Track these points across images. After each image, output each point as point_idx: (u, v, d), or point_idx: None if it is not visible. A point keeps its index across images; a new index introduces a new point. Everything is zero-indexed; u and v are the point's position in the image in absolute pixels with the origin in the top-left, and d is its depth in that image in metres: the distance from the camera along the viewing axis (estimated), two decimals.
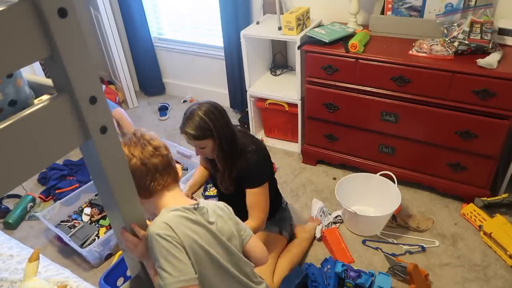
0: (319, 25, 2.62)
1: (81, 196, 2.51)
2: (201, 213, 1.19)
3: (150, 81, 3.76)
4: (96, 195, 2.54)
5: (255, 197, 1.81)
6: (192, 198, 1.94)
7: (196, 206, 1.19)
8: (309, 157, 2.76)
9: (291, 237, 2.15)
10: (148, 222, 1.11)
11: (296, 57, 2.52)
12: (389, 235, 2.20)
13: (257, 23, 2.74)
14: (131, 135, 1.24)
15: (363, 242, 2.18)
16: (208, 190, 2.61)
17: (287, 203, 2.22)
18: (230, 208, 1.31)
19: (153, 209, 1.24)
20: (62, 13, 0.66)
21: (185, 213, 1.15)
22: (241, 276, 1.24)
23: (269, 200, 1.85)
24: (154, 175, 1.20)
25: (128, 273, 1.80)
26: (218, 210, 1.25)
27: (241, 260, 1.26)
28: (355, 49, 2.18)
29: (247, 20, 2.89)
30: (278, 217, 2.09)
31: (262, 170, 1.84)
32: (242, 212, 1.91)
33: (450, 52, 2.04)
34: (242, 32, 2.64)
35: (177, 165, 1.29)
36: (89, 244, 2.18)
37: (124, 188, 0.95)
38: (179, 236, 1.10)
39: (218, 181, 1.88)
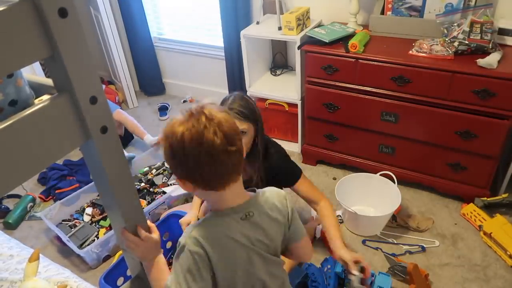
0: (319, 25, 2.62)
1: (81, 197, 2.51)
2: (249, 223, 1.05)
3: (150, 81, 3.76)
4: (98, 195, 2.54)
5: (305, 185, 1.85)
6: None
7: (246, 215, 1.04)
8: (309, 157, 2.76)
9: None
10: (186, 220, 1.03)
11: (296, 57, 2.52)
12: (389, 235, 2.20)
13: (257, 23, 2.74)
14: (192, 112, 0.95)
15: (363, 242, 2.18)
16: None
17: None
18: (288, 201, 1.15)
19: (211, 200, 1.08)
20: (63, 13, 0.66)
21: (228, 229, 1.02)
22: (268, 278, 1.13)
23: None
24: (223, 171, 0.97)
25: (128, 273, 1.79)
26: (270, 212, 1.09)
27: (274, 263, 1.14)
28: (355, 49, 2.18)
29: (247, 20, 2.89)
30: None
31: (292, 166, 1.87)
32: None
33: (450, 52, 2.04)
34: (242, 32, 2.64)
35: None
36: (88, 245, 2.18)
37: (124, 188, 0.95)
38: (210, 256, 0.99)
39: (253, 184, 1.79)
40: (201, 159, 0.92)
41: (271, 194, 1.13)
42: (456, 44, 2.04)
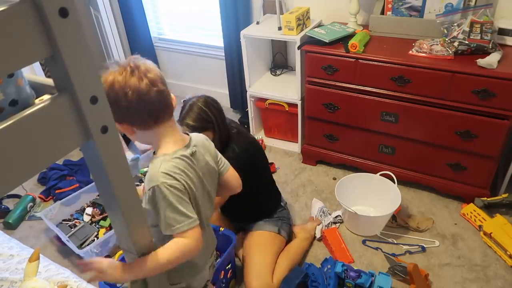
0: (319, 25, 2.62)
1: (81, 197, 2.50)
2: (195, 158, 1.24)
3: None
4: (98, 195, 2.54)
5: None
6: None
7: (193, 151, 1.23)
8: (309, 157, 2.76)
9: (290, 237, 2.15)
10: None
11: (296, 57, 2.52)
12: (389, 235, 2.20)
13: (257, 23, 2.74)
14: (125, 63, 1.13)
15: (363, 242, 2.18)
16: None
17: (286, 202, 2.22)
18: (211, 142, 1.36)
19: (149, 140, 1.23)
20: (63, 13, 0.66)
21: (183, 162, 1.19)
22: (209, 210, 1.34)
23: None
24: (151, 109, 1.14)
25: None
26: (203, 148, 1.29)
27: (210, 197, 1.34)
28: (355, 49, 2.18)
29: (247, 20, 2.89)
30: (277, 217, 2.09)
31: (238, 166, 1.74)
32: (235, 206, 1.92)
33: (450, 52, 2.04)
34: (242, 32, 2.64)
35: (172, 95, 1.25)
36: (88, 245, 2.18)
37: (125, 188, 0.95)
38: (183, 183, 1.16)
39: None
40: (130, 99, 1.09)
41: (197, 136, 1.33)
42: (456, 44, 2.04)
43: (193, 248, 1.15)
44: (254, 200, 2.00)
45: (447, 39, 2.08)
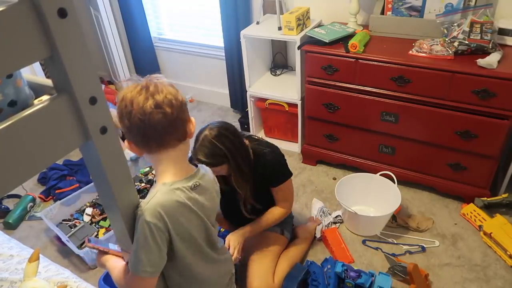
0: (319, 25, 2.62)
1: (81, 197, 2.51)
2: (197, 193, 1.17)
3: None
4: (98, 195, 2.54)
5: (284, 192, 1.90)
6: None
7: (195, 185, 1.16)
8: (309, 157, 2.76)
9: (292, 237, 2.15)
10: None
11: (296, 57, 2.51)
12: (389, 235, 2.20)
13: (257, 23, 2.74)
14: (142, 80, 1.07)
15: (363, 242, 2.18)
16: None
17: None
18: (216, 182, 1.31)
19: (154, 163, 1.15)
20: (62, 13, 0.66)
21: (181, 198, 1.12)
22: (210, 250, 1.28)
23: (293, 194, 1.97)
24: (152, 134, 1.06)
25: None
26: (209, 184, 1.23)
27: (213, 234, 1.28)
28: (355, 49, 2.18)
29: (247, 20, 2.89)
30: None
31: (284, 165, 1.88)
32: (256, 213, 1.92)
33: (450, 52, 2.04)
34: (242, 32, 2.64)
35: (192, 120, 1.15)
36: None
37: (124, 188, 0.95)
38: (170, 225, 1.09)
39: (241, 202, 1.84)
40: (133, 118, 1.03)
41: (206, 169, 1.27)
42: (456, 44, 2.04)
43: None
44: (264, 204, 1.99)
45: (447, 39, 2.08)
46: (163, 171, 1.14)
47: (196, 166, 1.22)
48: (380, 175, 2.26)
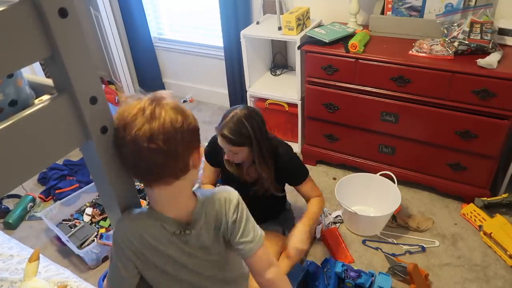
0: (319, 25, 2.62)
1: (81, 197, 2.50)
2: (185, 241, 1.03)
3: (150, 81, 3.76)
4: (98, 195, 2.54)
5: (309, 187, 1.92)
6: None
7: (181, 232, 1.02)
8: (309, 157, 2.76)
9: None
10: None
11: (296, 57, 2.51)
12: (389, 235, 2.20)
13: (257, 23, 2.74)
14: (145, 99, 0.89)
15: (363, 242, 2.18)
16: None
17: (290, 204, 2.23)
18: (232, 209, 1.06)
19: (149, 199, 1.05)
20: (63, 13, 0.66)
21: (154, 239, 1.01)
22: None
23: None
24: (143, 168, 0.90)
25: None
26: (207, 227, 1.05)
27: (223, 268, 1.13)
28: (355, 49, 2.18)
29: (247, 20, 2.89)
30: (283, 218, 2.10)
31: (301, 165, 1.92)
32: (266, 213, 1.93)
33: (450, 52, 2.04)
34: (242, 32, 2.64)
35: (201, 148, 0.98)
36: (87, 245, 2.18)
37: (124, 188, 0.95)
38: (139, 249, 1.03)
39: (260, 187, 1.85)
40: (125, 147, 0.87)
41: (214, 201, 1.05)
42: (456, 44, 2.04)
43: None
44: (269, 204, 2.00)
45: (447, 39, 2.08)
46: (153, 203, 1.02)
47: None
48: (380, 175, 2.26)
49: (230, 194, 1.07)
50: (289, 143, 2.92)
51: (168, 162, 0.89)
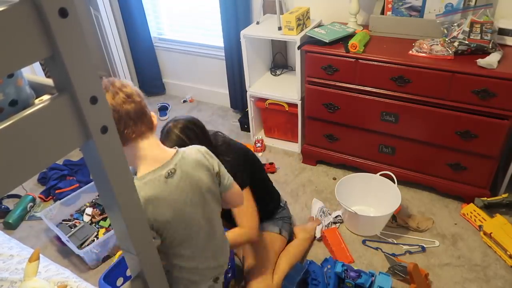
0: (319, 25, 2.62)
1: (81, 196, 2.51)
2: (176, 179, 1.23)
3: (150, 81, 3.76)
4: (98, 195, 2.54)
5: (236, 201, 1.71)
6: None
7: (170, 172, 1.22)
8: (309, 157, 2.76)
9: (291, 237, 2.15)
10: None
11: (296, 57, 2.52)
12: (389, 235, 2.20)
13: (257, 23, 2.74)
14: (103, 82, 1.22)
15: (363, 242, 2.18)
16: None
17: (286, 202, 2.22)
18: (211, 156, 1.34)
19: (131, 158, 1.23)
20: (63, 13, 0.66)
21: (152, 187, 1.19)
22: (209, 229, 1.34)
23: (255, 206, 1.78)
24: (127, 122, 1.19)
25: (128, 273, 1.79)
26: (193, 164, 1.28)
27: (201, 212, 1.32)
28: (355, 49, 2.18)
29: (247, 20, 2.89)
30: (278, 217, 2.09)
31: (236, 176, 1.60)
32: (260, 213, 1.90)
33: (450, 52, 2.04)
34: (242, 32, 2.64)
35: (152, 113, 1.28)
36: (88, 245, 2.18)
37: (124, 188, 0.95)
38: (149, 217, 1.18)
39: None
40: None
41: (190, 150, 1.31)
42: (456, 44, 2.04)
43: None
44: (257, 203, 1.98)
45: (447, 39, 2.08)
46: (138, 165, 1.22)
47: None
48: (380, 175, 2.26)
49: (200, 147, 1.36)
50: (289, 143, 2.96)
51: (143, 114, 1.22)
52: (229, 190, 1.40)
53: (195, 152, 1.31)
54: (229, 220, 2.08)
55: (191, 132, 1.64)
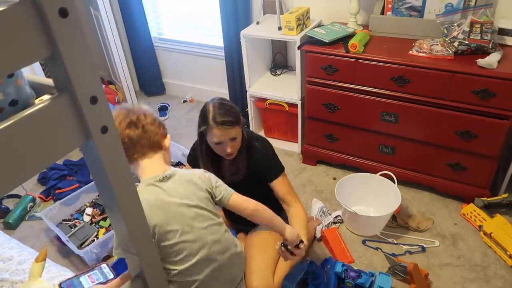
0: (319, 25, 2.62)
1: (81, 196, 2.51)
2: (170, 182, 1.35)
3: (150, 81, 3.76)
4: (98, 195, 2.54)
5: (285, 186, 1.82)
6: None
7: (164, 176, 1.35)
8: (309, 157, 2.76)
9: None
10: None
11: (296, 57, 2.52)
12: (389, 235, 2.20)
13: (257, 23, 2.74)
14: (127, 108, 1.38)
15: (363, 242, 2.18)
16: None
17: None
18: (203, 177, 1.43)
19: (137, 173, 1.39)
20: (63, 13, 0.66)
21: (152, 190, 1.32)
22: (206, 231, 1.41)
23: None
24: (128, 146, 1.33)
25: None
26: (184, 175, 1.39)
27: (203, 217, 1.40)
28: (355, 49, 2.18)
29: (247, 20, 2.89)
30: (282, 218, 2.08)
31: (276, 159, 1.86)
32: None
33: (450, 52, 2.04)
34: (242, 32, 2.64)
35: (168, 136, 1.43)
36: (87, 245, 2.18)
37: (124, 188, 0.95)
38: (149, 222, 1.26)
39: (229, 173, 1.83)
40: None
41: (185, 171, 1.43)
42: (456, 44, 2.04)
43: None
44: (266, 202, 1.98)
45: (447, 39, 2.08)
46: (141, 175, 1.37)
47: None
48: (380, 175, 2.26)
49: (195, 170, 1.50)
50: (289, 143, 2.96)
51: (145, 138, 1.36)
52: (229, 200, 1.46)
53: (190, 171, 1.45)
54: (232, 220, 2.09)
55: (229, 109, 1.73)
